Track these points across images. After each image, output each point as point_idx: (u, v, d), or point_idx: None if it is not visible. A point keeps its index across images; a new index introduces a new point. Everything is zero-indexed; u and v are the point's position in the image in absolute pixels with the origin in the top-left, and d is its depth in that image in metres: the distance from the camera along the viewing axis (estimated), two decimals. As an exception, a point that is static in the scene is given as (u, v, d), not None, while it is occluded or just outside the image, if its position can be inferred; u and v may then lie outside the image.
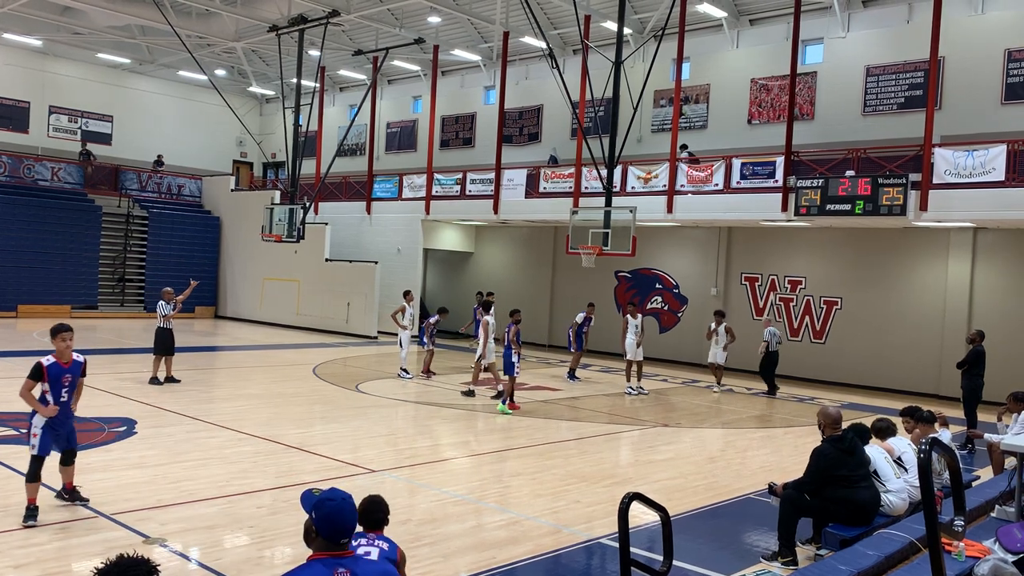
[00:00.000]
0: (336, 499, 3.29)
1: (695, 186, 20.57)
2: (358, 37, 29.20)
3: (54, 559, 6.45)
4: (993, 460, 10.16)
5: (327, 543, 3.23)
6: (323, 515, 3.24)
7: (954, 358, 15.54)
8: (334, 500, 3.29)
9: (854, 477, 7.03)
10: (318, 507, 3.26)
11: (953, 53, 19.30)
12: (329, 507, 3.26)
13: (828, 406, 7.54)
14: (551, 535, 7.73)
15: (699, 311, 23.66)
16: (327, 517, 3.24)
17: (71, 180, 30.05)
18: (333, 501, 3.28)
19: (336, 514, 3.26)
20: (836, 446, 7.10)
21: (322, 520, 3.24)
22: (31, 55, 31.12)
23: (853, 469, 7.06)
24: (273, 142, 34.64)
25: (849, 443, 7.15)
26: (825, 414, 7.33)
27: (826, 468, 7.02)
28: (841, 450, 7.07)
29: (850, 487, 6.98)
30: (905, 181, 17.08)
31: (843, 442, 7.13)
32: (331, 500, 3.28)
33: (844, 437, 7.17)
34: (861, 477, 7.10)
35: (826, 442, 7.19)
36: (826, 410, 7.38)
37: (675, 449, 12.35)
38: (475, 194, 25.50)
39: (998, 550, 5.78)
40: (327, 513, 3.25)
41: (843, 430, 7.26)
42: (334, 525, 3.25)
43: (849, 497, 6.96)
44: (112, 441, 10.49)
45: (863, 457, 7.26)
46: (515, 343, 15.02)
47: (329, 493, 3.33)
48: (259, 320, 29.77)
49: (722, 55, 23.91)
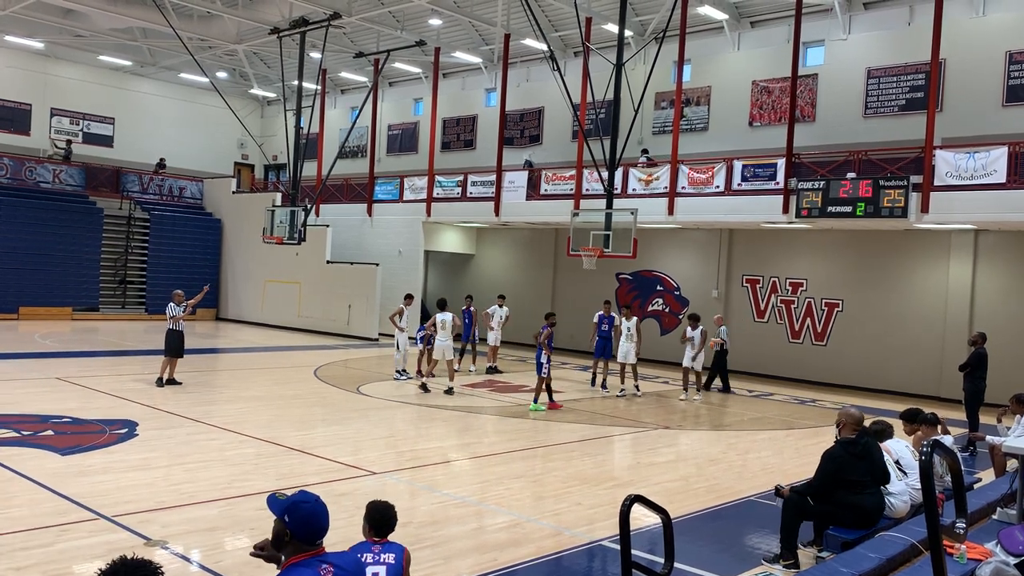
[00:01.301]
0: (310, 501, 3.31)
1: (696, 188, 20.58)
2: (359, 39, 29.24)
3: (55, 561, 6.44)
4: (995, 462, 10.14)
5: (302, 545, 3.24)
6: (300, 518, 3.25)
7: (955, 360, 15.52)
8: (309, 502, 3.30)
9: (863, 483, 6.93)
10: (293, 510, 3.25)
11: (954, 55, 19.30)
12: (306, 509, 3.27)
13: (852, 408, 7.37)
14: (552, 537, 7.72)
15: (700, 313, 23.58)
16: (304, 519, 3.25)
17: (72, 182, 30.08)
18: (308, 503, 3.29)
19: (313, 516, 3.27)
20: (847, 449, 6.99)
21: (299, 523, 3.24)
22: (33, 57, 31.17)
23: (862, 475, 6.95)
24: (274, 144, 34.67)
25: (862, 448, 7.02)
26: (847, 414, 7.18)
27: (835, 471, 6.92)
28: (852, 454, 6.96)
29: (858, 493, 6.89)
30: (906, 183, 17.07)
31: (855, 446, 7.00)
32: (306, 502, 3.29)
33: (857, 441, 7.04)
34: (869, 483, 6.99)
35: (838, 444, 7.10)
36: (848, 410, 7.24)
37: (676, 451, 12.34)
38: (476, 196, 25.52)
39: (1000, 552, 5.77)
40: (305, 515, 3.26)
41: (858, 434, 7.13)
42: (311, 527, 3.26)
43: (855, 503, 6.89)
44: (113, 443, 10.49)
45: (875, 463, 7.09)
46: (546, 346, 15.18)
47: (301, 496, 3.34)
48: (260, 322, 29.78)
49: (723, 57, 23.92)
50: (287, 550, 3.25)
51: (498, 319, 20.12)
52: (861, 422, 7.19)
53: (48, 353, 19.54)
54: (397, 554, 4.35)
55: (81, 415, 11.90)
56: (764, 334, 22.35)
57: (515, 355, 24.41)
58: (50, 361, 18.09)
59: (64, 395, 13.72)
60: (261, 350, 22.96)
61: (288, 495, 3.36)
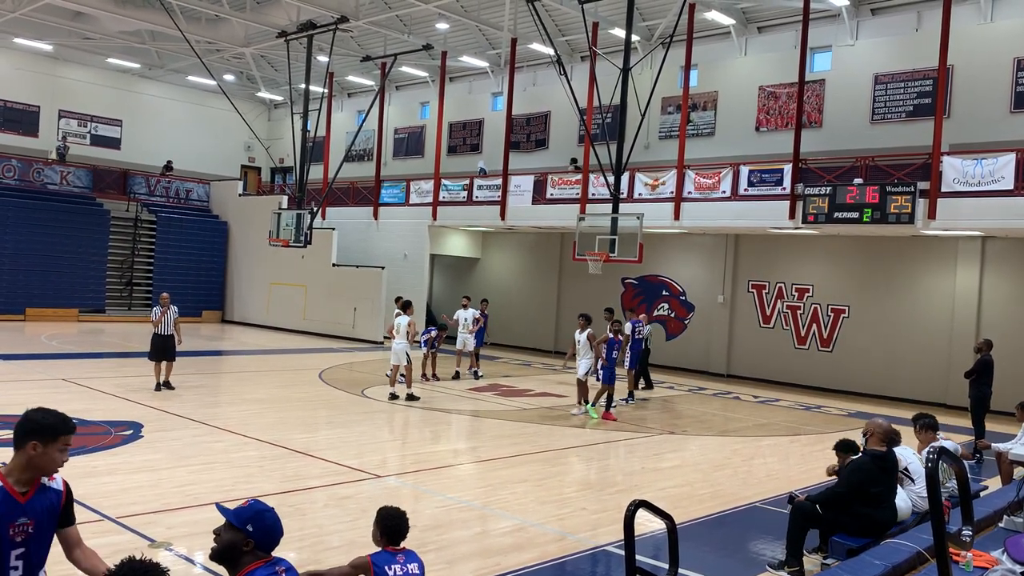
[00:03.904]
0: (270, 510, 3.37)
1: (702, 193, 20.56)
2: (367, 43, 29.29)
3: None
4: (1002, 470, 10.09)
5: (260, 553, 3.29)
6: (264, 527, 3.30)
7: (962, 367, 15.46)
8: (270, 511, 3.37)
9: (882, 496, 6.92)
10: (257, 519, 3.30)
11: (962, 61, 19.25)
12: (270, 519, 3.33)
13: (882, 421, 7.29)
14: (556, 542, 7.71)
15: (706, 318, 23.62)
16: (268, 529, 3.32)
17: (80, 184, 30.19)
18: (270, 512, 3.36)
19: (275, 525, 3.35)
20: (877, 463, 6.94)
21: (263, 532, 3.29)
22: (42, 60, 31.30)
23: (885, 489, 6.94)
24: (281, 147, 34.74)
25: (891, 462, 7.02)
26: (877, 425, 7.09)
27: (861, 483, 6.86)
28: (881, 468, 6.93)
29: (877, 507, 6.88)
30: (913, 189, 17.03)
31: (884, 460, 6.96)
32: (268, 511, 3.35)
33: (887, 456, 7.00)
34: (888, 497, 7.00)
35: (867, 455, 7.04)
36: (878, 422, 7.17)
37: (681, 457, 12.31)
38: (482, 200, 25.53)
39: (1006, 561, 5.74)
40: (268, 525, 3.32)
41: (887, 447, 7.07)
42: (274, 535, 3.34)
43: (868, 515, 6.87)
44: (118, 445, 10.51)
45: (895, 479, 7.15)
46: (601, 351, 14.76)
47: (260, 505, 3.39)
48: (266, 325, 29.82)
49: (730, 62, 23.90)
50: (244, 559, 3.27)
51: (463, 322, 19.58)
52: (890, 434, 7.09)
53: (54, 354, 19.59)
54: (420, 564, 4.46)
55: (86, 416, 11.92)
56: (770, 340, 22.30)
57: (520, 359, 24.41)
58: (55, 362, 18.13)
59: (69, 396, 13.74)
60: (266, 353, 22.99)
61: (243, 505, 3.39)
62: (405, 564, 4.40)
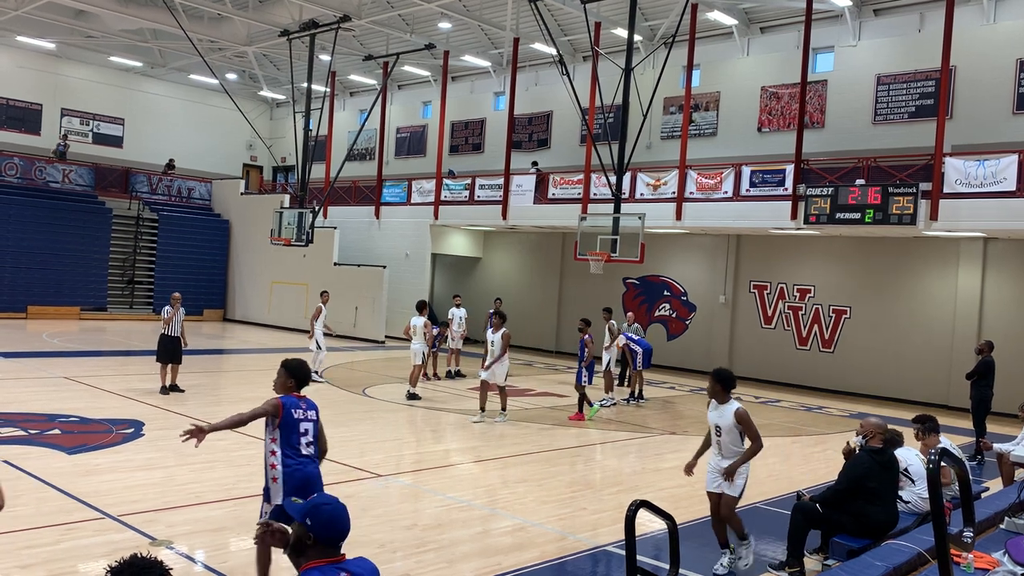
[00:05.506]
0: (331, 502, 3.20)
1: (704, 193, 20.55)
2: (369, 42, 29.29)
3: (60, 560, 6.46)
4: (1003, 471, 10.08)
5: (326, 549, 3.12)
6: (322, 520, 3.13)
7: (964, 368, 15.45)
8: (330, 503, 3.19)
9: (881, 493, 6.98)
10: (314, 512, 3.14)
11: (964, 62, 19.23)
12: (327, 511, 3.15)
13: (875, 419, 7.61)
14: (557, 542, 7.71)
15: (707, 319, 23.61)
16: (327, 521, 3.14)
17: (82, 182, 30.21)
18: (329, 504, 3.18)
19: (335, 517, 3.16)
20: (874, 457, 7.10)
21: (321, 525, 3.12)
22: (44, 58, 31.32)
23: (884, 485, 7.02)
24: (283, 146, 34.74)
25: (888, 458, 7.15)
26: (871, 424, 7.39)
27: (859, 477, 6.98)
28: (878, 462, 7.06)
29: (875, 504, 6.93)
30: (915, 190, 17.02)
31: (882, 455, 7.13)
32: (327, 504, 3.18)
33: (884, 451, 7.19)
34: (887, 494, 7.06)
35: (864, 451, 7.21)
36: (873, 421, 7.46)
37: (682, 457, 12.23)
38: (484, 199, 25.53)
39: (1007, 562, 5.74)
40: (327, 517, 3.14)
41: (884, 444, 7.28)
42: (334, 528, 3.15)
43: (868, 514, 6.91)
44: (120, 443, 10.51)
45: (896, 476, 7.27)
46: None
47: (320, 498, 3.25)
48: (267, 323, 29.84)
49: (732, 63, 23.89)
50: (309, 554, 3.13)
51: (458, 321, 19.58)
52: (886, 430, 7.32)
53: (55, 352, 19.60)
54: (316, 410, 6.02)
55: (88, 414, 11.93)
56: (771, 340, 22.29)
57: (521, 359, 24.40)
58: (57, 360, 18.15)
59: (71, 394, 13.75)
60: (268, 351, 22.99)
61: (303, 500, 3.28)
62: (307, 410, 6.09)
